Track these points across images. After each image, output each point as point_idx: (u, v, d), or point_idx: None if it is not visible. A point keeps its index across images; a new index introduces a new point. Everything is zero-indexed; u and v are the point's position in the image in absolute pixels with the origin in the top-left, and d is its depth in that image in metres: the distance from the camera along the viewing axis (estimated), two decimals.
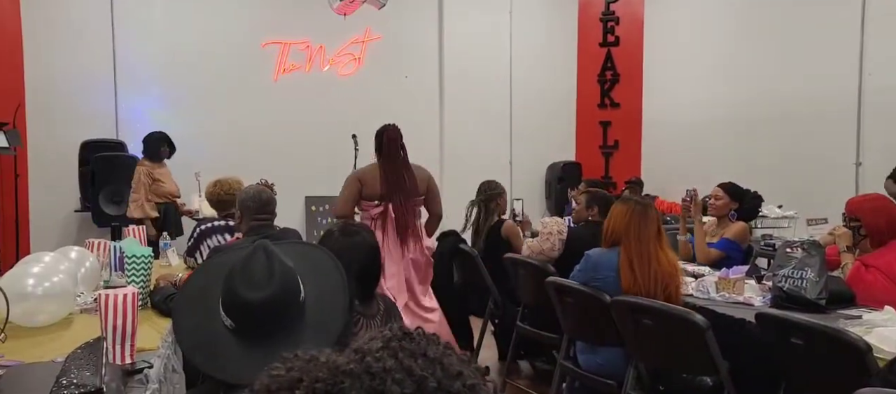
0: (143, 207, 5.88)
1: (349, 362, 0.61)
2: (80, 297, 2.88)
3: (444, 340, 0.66)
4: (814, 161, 6.20)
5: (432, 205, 4.25)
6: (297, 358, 0.64)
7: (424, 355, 0.62)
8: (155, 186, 6.00)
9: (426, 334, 0.66)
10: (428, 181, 4.19)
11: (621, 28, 8.24)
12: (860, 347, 2.33)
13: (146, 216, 5.81)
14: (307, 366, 0.62)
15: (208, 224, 4.03)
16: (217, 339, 1.48)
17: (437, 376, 0.61)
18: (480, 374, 0.65)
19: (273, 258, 1.48)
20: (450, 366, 0.62)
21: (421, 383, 0.60)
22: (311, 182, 7.34)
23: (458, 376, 0.62)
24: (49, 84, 6.61)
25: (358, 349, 0.63)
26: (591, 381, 3.34)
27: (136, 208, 5.86)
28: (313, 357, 0.64)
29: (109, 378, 1.83)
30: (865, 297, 3.11)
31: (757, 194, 4.56)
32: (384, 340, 0.64)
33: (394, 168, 4.01)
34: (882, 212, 3.31)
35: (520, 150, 8.16)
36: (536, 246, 4.20)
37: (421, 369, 0.61)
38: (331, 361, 0.62)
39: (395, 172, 4.00)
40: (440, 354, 0.63)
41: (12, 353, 2.27)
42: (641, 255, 3.10)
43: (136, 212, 5.83)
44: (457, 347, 0.67)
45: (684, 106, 7.58)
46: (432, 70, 7.93)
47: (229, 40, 7.20)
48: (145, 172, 5.96)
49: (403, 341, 0.64)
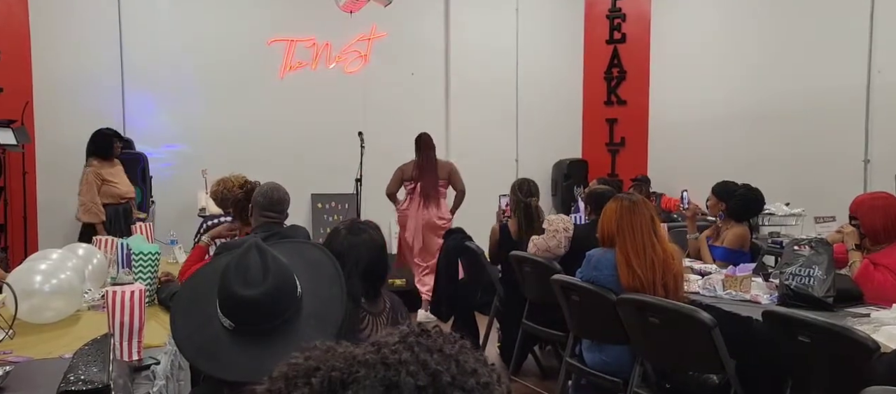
0: (92, 210, 5.49)
1: (365, 353, 0.63)
2: (88, 294, 2.90)
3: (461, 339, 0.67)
4: (822, 158, 6.16)
5: (456, 184, 6.04)
6: (314, 348, 0.65)
7: (440, 350, 0.63)
8: (105, 187, 5.59)
9: (443, 332, 0.67)
10: (449, 169, 6.06)
11: (628, 25, 8.21)
12: (868, 345, 2.32)
13: (97, 220, 5.47)
14: (324, 356, 0.64)
15: (214, 220, 4.05)
16: (217, 340, 1.47)
17: (452, 371, 0.62)
18: (496, 374, 0.65)
19: (267, 255, 1.48)
20: (465, 363, 0.63)
21: (435, 376, 0.61)
22: (317, 180, 7.35)
23: (473, 374, 0.63)
24: (57, 81, 6.63)
25: (375, 342, 0.64)
26: (597, 378, 3.33)
27: (84, 212, 5.49)
28: (331, 348, 0.65)
29: (117, 374, 1.84)
30: (874, 295, 3.09)
31: (748, 192, 4.34)
32: (401, 334, 0.65)
33: (424, 159, 5.96)
34: (879, 211, 3.29)
35: (526, 147, 8.15)
36: (542, 243, 4.19)
37: (436, 364, 0.61)
38: (348, 352, 0.64)
39: (425, 162, 5.95)
40: (456, 351, 0.64)
41: (21, 349, 2.29)
42: (636, 247, 3.10)
43: (84, 216, 5.49)
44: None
45: (691, 103, 7.55)
46: (438, 67, 7.92)
47: (235, 38, 7.21)
48: (94, 172, 5.56)
49: (420, 336, 0.65)
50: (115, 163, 5.75)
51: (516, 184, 4.67)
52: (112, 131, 5.85)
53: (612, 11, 8.25)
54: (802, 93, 6.36)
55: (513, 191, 4.64)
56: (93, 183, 5.54)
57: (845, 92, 6.02)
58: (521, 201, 4.56)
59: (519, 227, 4.55)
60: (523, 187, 4.60)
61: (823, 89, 6.17)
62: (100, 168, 5.60)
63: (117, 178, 5.72)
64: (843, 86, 6.03)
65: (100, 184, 5.57)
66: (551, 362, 4.72)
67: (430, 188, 5.90)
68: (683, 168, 7.37)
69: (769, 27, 6.81)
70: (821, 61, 6.22)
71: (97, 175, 5.57)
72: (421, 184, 5.90)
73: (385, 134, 6.57)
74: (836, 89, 6.09)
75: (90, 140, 5.72)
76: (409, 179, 5.94)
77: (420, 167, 5.91)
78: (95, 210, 5.50)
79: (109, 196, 5.63)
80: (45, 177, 6.58)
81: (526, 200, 4.55)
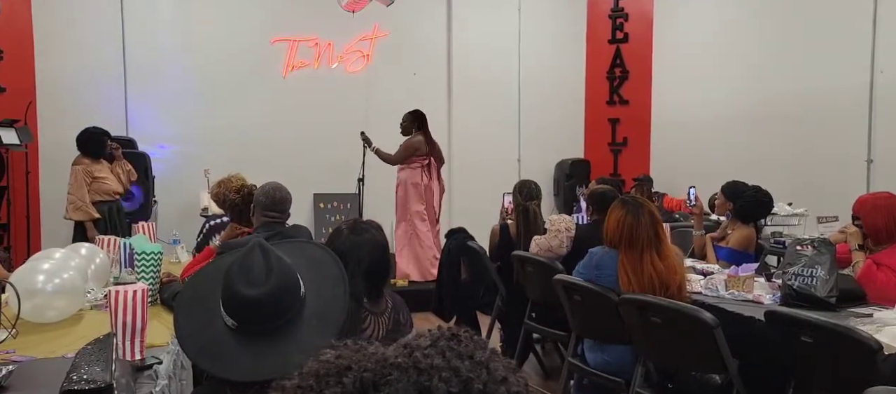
0: (82, 208, 5.44)
1: (397, 356, 0.62)
2: (91, 293, 2.90)
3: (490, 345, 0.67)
4: (825, 158, 6.15)
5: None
6: (345, 346, 0.65)
7: (471, 357, 0.63)
8: (96, 184, 5.54)
9: (474, 337, 0.67)
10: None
11: (630, 24, 8.20)
12: (871, 345, 2.32)
13: (88, 218, 5.43)
14: (356, 356, 0.63)
15: (217, 220, 4.05)
16: (220, 340, 1.47)
17: (483, 378, 0.61)
18: (524, 382, 0.65)
19: (270, 255, 1.48)
20: (495, 370, 0.63)
21: (467, 383, 0.60)
22: (319, 179, 7.36)
23: (503, 382, 0.62)
24: (59, 81, 6.65)
25: (406, 345, 0.64)
26: (600, 378, 3.33)
27: (74, 211, 5.45)
28: (361, 347, 0.65)
29: (119, 374, 1.84)
30: (876, 295, 3.09)
31: (757, 194, 4.29)
32: (432, 338, 0.65)
33: (427, 133, 6.35)
34: (881, 211, 3.28)
35: (528, 146, 8.15)
36: (544, 243, 4.19)
37: (468, 371, 0.61)
38: (379, 353, 0.64)
39: (430, 135, 6.36)
40: (487, 358, 0.64)
41: (23, 349, 2.29)
42: (634, 264, 3.11)
43: (75, 214, 5.44)
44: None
45: (694, 103, 7.54)
46: (441, 67, 7.93)
47: (238, 37, 7.22)
48: (84, 169, 5.50)
49: (451, 341, 0.65)
50: (101, 161, 5.67)
51: (518, 185, 4.65)
52: (101, 129, 5.74)
53: (614, 11, 8.24)
54: (805, 92, 6.35)
55: (514, 193, 4.63)
56: (82, 181, 5.47)
57: (848, 92, 6.00)
58: (521, 205, 4.53)
59: (518, 229, 4.54)
60: (524, 190, 4.57)
61: (826, 89, 6.16)
62: (90, 166, 5.54)
63: (106, 174, 5.64)
64: (846, 85, 6.02)
65: (90, 181, 5.51)
66: (553, 362, 4.72)
67: (440, 159, 6.47)
68: (686, 168, 7.35)
69: (772, 27, 6.80)
70: (823, 61, 6.20)
71: (87, 173, 5.50)
72: (433, 156, 6.36)
73: (387, 134, 6.56)
74: (839, 89, 6.07)
75: (79, 138, 5.63)
76: (423, 155, 6.30)
77: (430, 142, 6.33)
78: (85, 208, 5.44)
79: (102, 193, 5.57)
80: (48, 176, 6.60)
81: (525, 203, 4.52)
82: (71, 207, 5.46)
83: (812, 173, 6.17)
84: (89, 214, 5.44)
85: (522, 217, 4.51)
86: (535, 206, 4.55)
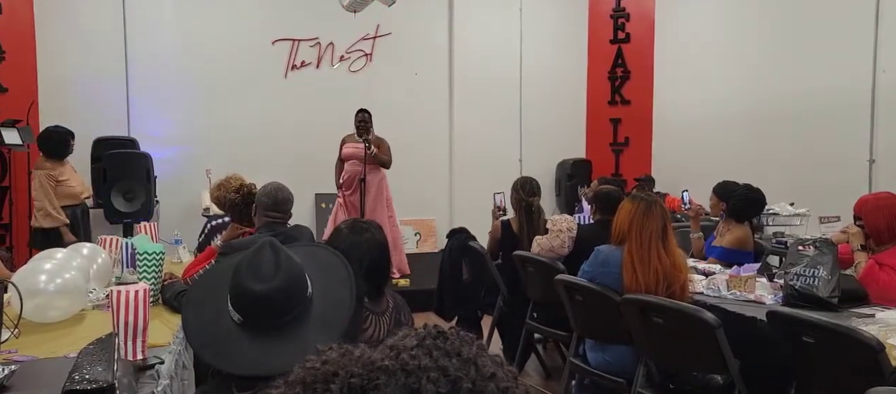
0: (51, 214, 5.23)
1: (384, 359, 0.62)
2: (92, 293, 2.90)
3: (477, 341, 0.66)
4: (827, 158, 6.14)
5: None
6: (330, 351, 0.64)
7: (459, 354, 0.62)
8: (60, 188, 5.32)
9: (460, 333, 0.66)
10: None
11: (632, 25, 8.20)
12: (873, 346, 2.31)
13: (61, 224, 5.24)
14: (342, 360, 0.62)
15: (218, 220, 4.05)
16: (226, 334, 1.50)
17: (472, 376, 0.61)
18: (513, 375, 0.65)
19: (280, 254, 1.51)
20: (483, 367, 0.62)
21: (455, 382, 0.60)
22: (320, 179, 7.34)
23: (492, 378, 0.62)
24: (61, 81, 6.65)
25: (393, 346, 0.63)
26: (601, 378, 3.33)
27: (43, 218, 5.22)
28: (347, 351, 0.64)
29: (121, 374, 1.85)
30: (878, 295, 3.08)
31: (748, 192, 4.26)
32: (418, 338, 0.64)
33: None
34: (883, 212, 3.28)
35: (530, 147, 8.14)
36: (546, 243, 4.18)
37: (455, 369, 0.61)
38: (365, 356, 0.63)
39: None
40: (474, 354, 0.63)
41: (25, 348, 2.30)
42: (642, 254, 3.10)
43: (44, 222, 5.21)
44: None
45: (695, 103, 7.54)
46: (442, 67, 7.93)
47: (240, 37, 7.22)
48: (46, 174, 5.26)
49: (437, 339, 0.64)
50: (64, 163, 5.46)
51: (519, 182, 4.63)
52: (65, 129, 5.49)
53: (615, 11, 8.24)
54: (807, 92, 6.34)
55: (515, 189, 4.60)
56: (47, 186, 5.26)
57: (850, 92, 6.00)
58: (523, 200, 4.51)
59: (520, 225, 4.53)
60: (526, 186, 4.56)
61: (828, 89, 6.15)
62: (51, 170, 5.32)
63: (69, 176, 5.44)
64: (848, 85, 6.02)
65: (54, 185, 5.30)
66: (555, 362, 4.72)
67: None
68: (687, 168, 7.35)
69: (774, 27, 6.80)
70: (825, 61, 6.20)
71: (49, 177, 5.29)
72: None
73: (388, 133, 6.56)
74: (840, 89, 6.07)
75: (41, 138, 5.41)
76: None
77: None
78: (55, 214, 5.25)
79: (67, 197, 5.37)
80: None
81: (528, 199, 4.50)
82: (40, 215, 5.25)
83: (814, 173, 6.16)
84: (60, 219, 5.26)
85: (525, 213, 4.51)
86: (537, 201, 4.56)
